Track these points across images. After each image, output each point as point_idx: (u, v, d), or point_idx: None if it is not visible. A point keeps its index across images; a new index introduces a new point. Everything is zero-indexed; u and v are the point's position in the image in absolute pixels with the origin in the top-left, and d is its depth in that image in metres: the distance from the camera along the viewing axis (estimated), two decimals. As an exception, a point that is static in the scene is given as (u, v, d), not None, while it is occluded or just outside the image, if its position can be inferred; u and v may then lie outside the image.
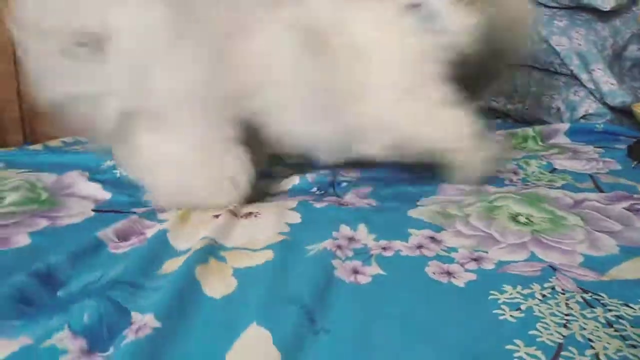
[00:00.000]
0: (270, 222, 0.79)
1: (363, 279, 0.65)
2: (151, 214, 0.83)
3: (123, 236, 0.76)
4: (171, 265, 0.68)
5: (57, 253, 0.70)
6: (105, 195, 0.90)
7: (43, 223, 0.79)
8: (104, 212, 0.84)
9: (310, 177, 0.96)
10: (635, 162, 1.01)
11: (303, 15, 0.84)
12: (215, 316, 0.59)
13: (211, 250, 0.70)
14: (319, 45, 0.83)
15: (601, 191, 0.89)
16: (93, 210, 0.84)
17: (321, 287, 0.63)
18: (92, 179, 0.94)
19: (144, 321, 0.56)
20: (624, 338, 0.54)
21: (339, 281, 0.65)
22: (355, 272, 0.66)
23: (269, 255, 0.70)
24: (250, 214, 0.82)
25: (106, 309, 0.59)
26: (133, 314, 0.59)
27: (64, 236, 0.76)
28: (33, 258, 0.69)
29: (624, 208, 0.81)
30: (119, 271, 0.67)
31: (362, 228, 0.76)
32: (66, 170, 0.96)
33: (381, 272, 0.66)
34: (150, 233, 0.77)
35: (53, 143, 1.12)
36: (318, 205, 0.85)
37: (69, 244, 0.73)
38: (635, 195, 0.86)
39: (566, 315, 0.58)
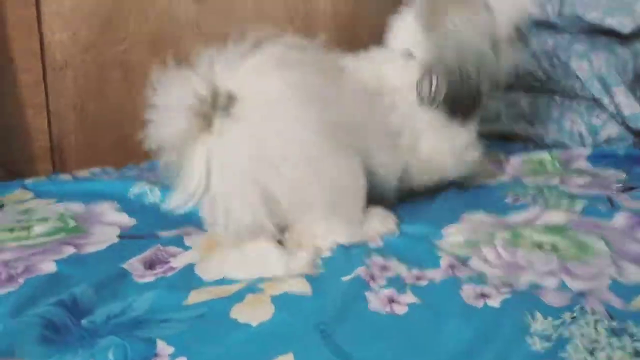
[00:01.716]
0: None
1: (399, 309, 0.65)
2: (176, 240, 0.83)
3: (148, 265, 0.77)
4: (198, 296, 0.69)
5: (82, 281, 0.71)
6: (131, 221, 0.91)
7: (69, 250, 0.81)
8: (129, 238, 0.86)
9: None
10: None
11: None
12: (249, 344, 0.59)
13: (247, 289, 0.70)
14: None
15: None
16: (118, 237, 0.86)
17: (356, 320, 0.63)
18: (119, 208, 0.95)
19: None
20: (652, 368, 0.53)
21: (374, 313, 0.65)
22: (391, 301, 0.67)
23: (304, 285, 0.70)
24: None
25: (131, 346, 0.59)
26: (159, 342, 0.60)
27: (89, 263, 0.78)
28: (59, 286, 0.71)
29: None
30: (144, 303, 0.67)
31: (392, 258, 0.77)
32: (94, 199, 0.98)
33: (417, 300, 0.67)
34: (175, 262, 0.78)
35: (81, 173, 1.15)
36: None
37: (94, 272, 0.74)
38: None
39: (594, 341, 0.57)
